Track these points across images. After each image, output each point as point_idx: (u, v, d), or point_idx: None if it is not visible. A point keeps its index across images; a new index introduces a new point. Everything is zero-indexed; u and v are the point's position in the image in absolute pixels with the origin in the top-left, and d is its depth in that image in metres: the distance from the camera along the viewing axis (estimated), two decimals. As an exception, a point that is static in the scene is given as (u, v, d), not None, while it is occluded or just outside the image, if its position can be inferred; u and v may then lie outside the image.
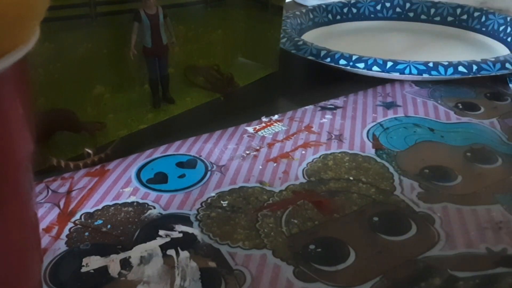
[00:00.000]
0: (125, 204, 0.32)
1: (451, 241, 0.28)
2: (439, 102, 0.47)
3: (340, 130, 0.41)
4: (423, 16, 0.74)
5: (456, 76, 0.48)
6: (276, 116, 0.44)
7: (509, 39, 0.63)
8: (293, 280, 0.26)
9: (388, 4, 0.74)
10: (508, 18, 0.65)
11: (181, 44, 0.47)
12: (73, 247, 0.28)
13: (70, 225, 0.30)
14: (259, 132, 0.41)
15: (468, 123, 0.43)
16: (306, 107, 0.45)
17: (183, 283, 0.25)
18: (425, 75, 0.49)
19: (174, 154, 0.38)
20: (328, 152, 0.38)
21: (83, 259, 0.27)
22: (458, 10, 0.71)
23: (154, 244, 0.28)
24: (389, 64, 0.50)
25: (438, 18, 0.73)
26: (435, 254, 0.27)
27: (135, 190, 0.33)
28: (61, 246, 0.28)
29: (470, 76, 0.48)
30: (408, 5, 0.74)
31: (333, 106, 0.46)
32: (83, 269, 0.26)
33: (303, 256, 0.27)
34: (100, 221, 0.30)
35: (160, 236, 0.29)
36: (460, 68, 0.49)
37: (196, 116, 0.45)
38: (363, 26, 0.72)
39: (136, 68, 0.44)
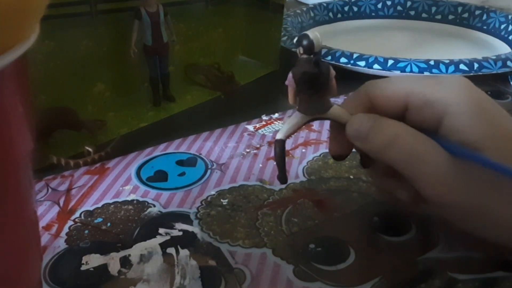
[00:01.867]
0: (125, 202, 0.32)
1: (451, 243, 0.28)
2: (440, 101, 0.46)
3: (340, 129, 0.41)
4: (424, 15, 0.73)
5: (457, 74, 0.48)
6: (276, 115, 0.43)
7: (510, 37, 0.63)
8: (293, 279, 0.25)
9: (389, 3, 0.74)
10: (509, 16, 0.65)
11: (181, 42, 0.47)
12: (73, 245, 0.28)
13: (70, 223, 0.30)
14: (260, 131, 0.41)
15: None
16: (307, 105, 0.45)
17: (183, 281, 0.25)
18: (426, 73, 0.48)
19: (174, 152, 0.37)
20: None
21: (83, 257, 0.27)
22: (459, 9, 0.71)
23: (154, 242, 0.28)
24: (390, 62, 0.50)
25: (439, 17, 0.73)
26: (435, 255, 0.27)
27: (135, 188, 0.33)
28: (60, 244, 0.28)
29: (472, 74, 0.48)
30: (409, 3, 0.74)
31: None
32: (83, 267, 0.26)
33: (303, 255, 0.27)
34: (100, 219, 0.30)
35: (160, 234, 0.29)
36: (461, 66, 0.49)
37: (197, 114, 0.45)
38: (364, 25, 0.72)
39: (136, 66, 0.43)
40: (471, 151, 0.22)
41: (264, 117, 0.43)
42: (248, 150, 0.38)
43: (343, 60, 0.51)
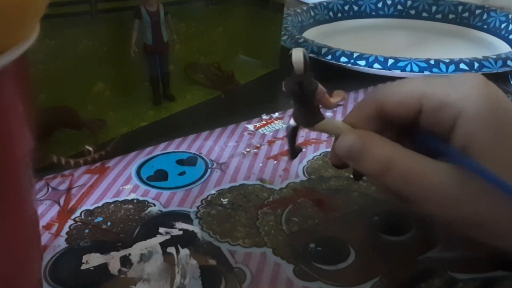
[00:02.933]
0: (125, 202, 0.32)
1: (451, 242, 0.28)
2: (440, 100, 0.46)
3: (340, 128, 0.41)
4: (424, 14, 0.73)
5: (458, 73, 0.48)
6: (276, 114, 0.43)
7: (510, 37, 0.63)
8: (293, 279, 0.25)
9: (389, 2, 0.74)
10: (510, 16, 0.65)
11: (182, 41, 0.47)
12: (73, 244, 0.28)
13: (70, 222, 0.30)
14: (260, 130, 0.41)
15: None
16: (307, 105, 0.45)
17: (183, 280, 0.25)
18: (427, 73, 0.48)
19: (174, 152, 0.37)
20: (329, 149, 0.37)
21: (83, 257, 0.27)
22: (460, 8, 0.71)
23: (154, 242, 0.28)
24: (390, 61, 0.50)
25: (439, 16, 0.73)
26: (435, 255, 0.27)
27: (135, 187, 0.33)
28: (61, 243, 0.28)
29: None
30: (409, 2, 0.74)
31: (334, 104, 0.45)
32: (83, 267, 0.26)
33: (303, 254, 0.27)
34: (100, 219, 0.30)
35: (160, 234, 0.29)
36: (462, 66, 0.49)
37: (197, 113, 0.45)
38: (364, 24, 0.72)
39: (136, 65, 0.43)
40: (476, 164, 0.22)
41: (264, 116, 0.43)
42: (248, 150, 0.38)
43: (343, 59, 0.51)
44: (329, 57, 0.52)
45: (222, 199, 0.32)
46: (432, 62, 0.49)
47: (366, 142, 0.24)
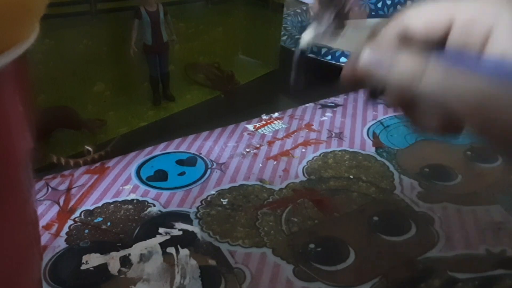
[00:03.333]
0: (125, 202, 0.32)
1: (451, 242, 0.28)
2: (440, 100, 0.46)
3: (340, 128, 0.41)
4: (424, 14, 0.73)
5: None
6: (276, 114, 0.43)
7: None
8: (292, 279, 0.25)
9: (389, 2, 0.74)
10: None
11: (181, 41, 0.47)
12: (73, 245, 0.28)
13: (70, 222, 0.30)
14: (259, 130, 0.41)
15: (469, 121, 0.42)
16: (307, 105, 0.45)
17: (183, 281, 0.25)
18: (426, 74, 0.48)
19: (174, 152, 0.37)
20: (328, 150, 0.38)
21: (83, 257, 0.27)
22: (460, 8, 0.71)
23: (154, 242, 0.28)
24: (390, 62, 0.50)
25: (439, 16, 0.73)
26: (435, 255, 0.27)
27: (135, 187, 0.33)
28: (61, 243, 0.28)
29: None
30: (409, 2, 0.74)
31: (333, 104, 0.45)
32: (83, 267, 0.26)
33: (303, 255, 0.27)
34: (100, 219, 0.30)
35: (160, 234, 0.29)
36: (461, 67, 0.49)
37: (196, 113, 0.45)
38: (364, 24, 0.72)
39: (136, 65, 0.43)
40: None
41: (264, 117, 0.43)
42: (248, 150, 0.38)
43: (343, 59, 0.51)
44: (329, 57, 0.52)
45: (222, 200, 0.32)
46: (431, 62, 0.49)
47: (396, 51, 0.23)
